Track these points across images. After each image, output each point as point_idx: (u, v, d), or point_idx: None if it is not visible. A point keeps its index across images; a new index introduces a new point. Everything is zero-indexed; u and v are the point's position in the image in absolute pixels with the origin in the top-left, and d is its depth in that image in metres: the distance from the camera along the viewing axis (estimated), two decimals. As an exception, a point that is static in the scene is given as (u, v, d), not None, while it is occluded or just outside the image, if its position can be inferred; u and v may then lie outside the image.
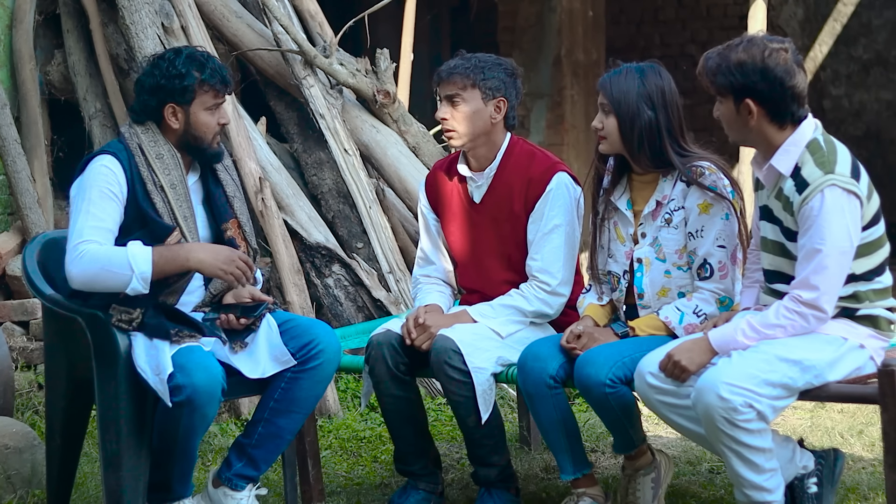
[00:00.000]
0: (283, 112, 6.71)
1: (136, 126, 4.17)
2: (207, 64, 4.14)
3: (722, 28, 11.77)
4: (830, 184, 3.71)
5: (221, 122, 4.19)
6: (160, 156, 4.13)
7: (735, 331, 3.81)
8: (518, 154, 4.46)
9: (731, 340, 3.81)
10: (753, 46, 3.78)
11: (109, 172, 4.07)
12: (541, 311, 4.40)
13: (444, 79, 4.41)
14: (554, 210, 4.38)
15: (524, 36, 10.28)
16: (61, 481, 4.39)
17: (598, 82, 4.21)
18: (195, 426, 3.94)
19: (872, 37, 11.88)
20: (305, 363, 4.16)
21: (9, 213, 6.51)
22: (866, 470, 4.81)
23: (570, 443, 4.21)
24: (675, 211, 4.17)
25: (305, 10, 6.71)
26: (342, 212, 6.44)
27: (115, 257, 3.97)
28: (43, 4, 6.80)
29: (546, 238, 4.39)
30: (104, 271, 3.96)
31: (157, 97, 4.13)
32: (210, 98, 4.15)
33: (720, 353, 3.81)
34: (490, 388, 4.26)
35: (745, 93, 3.78)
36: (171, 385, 3.87)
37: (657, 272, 4.20)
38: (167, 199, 4.10)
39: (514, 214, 4.43)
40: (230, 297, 4.23)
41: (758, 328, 3.78)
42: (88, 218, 4.02)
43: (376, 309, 6.13)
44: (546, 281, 4.38)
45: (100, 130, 6.59)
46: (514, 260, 4.46)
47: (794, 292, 3.77)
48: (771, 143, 3.84)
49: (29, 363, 5.99)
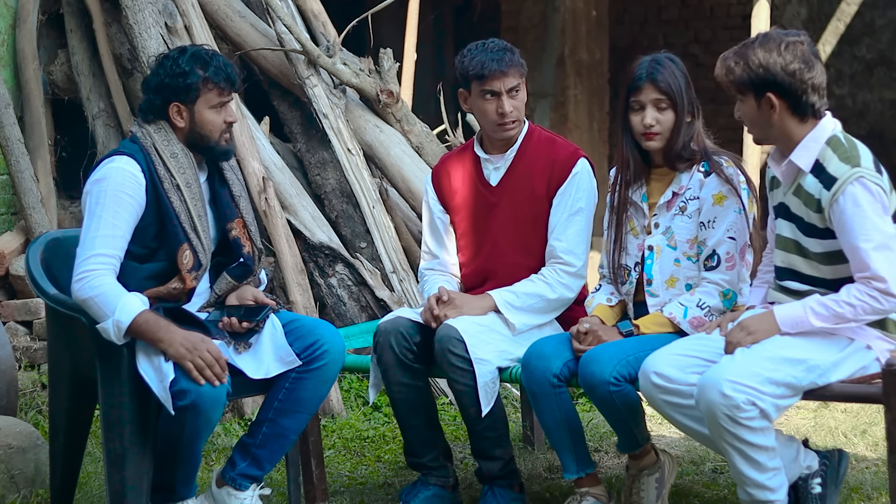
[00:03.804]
0: (286, 112, 6.72)
1: (146, 126, 4.14)
2: (212, 62, 4.12)
3: (725, 28, 11.78)
4: (859, 177, 3.72)
5: (228, 120, 4.16)
6: (174, 155, 4.10)
7: (803, 309, 3.79)
8: (538, 139, 4.50)
9: (801, 320, 3.79)
10: (770, 41, 3.80)
11: (128, 175, 4.03)
12: (563, 296, 4.42)
13: (504, 71, 4.37)
14: (580, 193, 4.42)
15: (527, 35, 10.28)
16: (65, 481, 4.39)
17: (642, 77, 4.13)
18: (200, 430, 3.93)
19: (876, 36, 11.87)
20: (310, 363, 4.16)
21: (12, 213, 6.51)
22: (870, 469, 4.81)
23: (574, 442, 4.21)
24: (691, 200, 4.18)
25: (309, 10, 6.71)
26: (345, 211, 6.44)
27: (110, 295, 3.92)
28: (46, 4, 6.81)
29: (571, 220, 4.41)
30: (94, 303, 3.92)
31: (162, 96, 4.11)
32: (215, 96, 4.13)
33: (786, 332, 3.78)
34: (493, 380, 4.26)
35: (765, 87, 3.79)
36: (176, 389, 3.86)
37: (667, 260, 4.21)
38: (183, 197, 4.08)
39: (534, 196, 4.44)
40: (234, 298, 4.23)
41: (828, 305, 3.76)
42: (102, 225, 3.98)
43: (380, 308, 6.13)
44: (571, 262, 4.40)
45: (103, 130, 6.59)
46: (531, 243, 4.46)
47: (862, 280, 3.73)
48: (792, 138, 3.85)
49: (32, 363, 6.00)
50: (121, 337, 3.90)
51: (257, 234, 4.31)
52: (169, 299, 4.08)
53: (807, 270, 3.88)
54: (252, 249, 4.26)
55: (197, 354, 3.87)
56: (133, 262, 4.06)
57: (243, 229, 4.25)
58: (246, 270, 4.25)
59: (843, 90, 11.93)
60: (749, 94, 3.83)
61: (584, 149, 9.76)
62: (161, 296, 4.06)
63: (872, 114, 11.90)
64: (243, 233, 4.25)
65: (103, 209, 4.00)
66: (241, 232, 4.24)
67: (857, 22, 11.82)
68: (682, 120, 4.16)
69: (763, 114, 3.84)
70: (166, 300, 4.07)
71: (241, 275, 4.24)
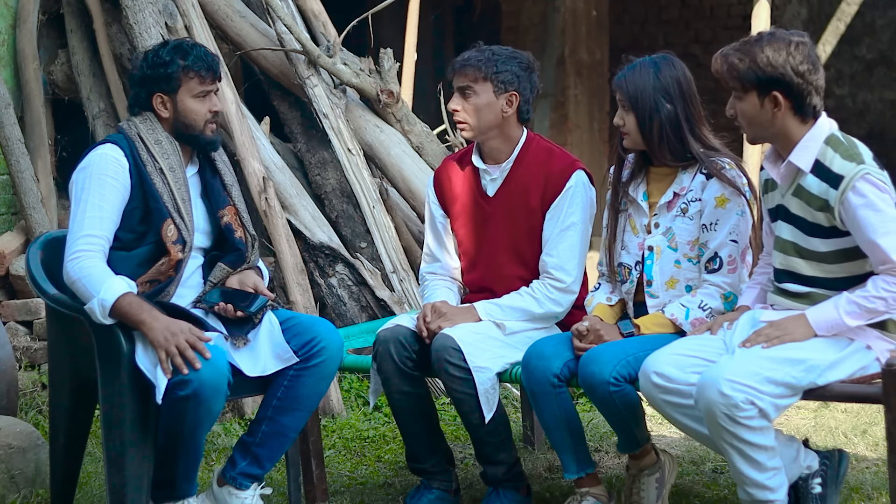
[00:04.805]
0: (286, 112, 6.72)
1: (133, 118, 4.22)
2: (192, 52, 4.18)
3: (725, 28, 11.79)
4: (865, 173, 3.73)
5: (213, 109, 4.21)
6: (158, 141, 4.17)
7: (836, 310, 3.77)
8: (535, 150, 4.46)
9: (835, 321, 3.77)
10: (777, 41, 3.78)
11: (111, 159, 4.11)
12: (551, 312, 4.40)
13: (457, 70, 4.40)
14: (572, 207, 4.39)
15: (528, 36, 10.29)
16: (65, 481, 4.39)
17: (613, 80, 4.20)
18: (201, 420, 3.93)
19: (876, 36, 11.88)
20: (308, 361, 4.16)
21: (12, 213, 6.51)
22: (870, 469, 4.81)
23: (574, 442, 4.21)
24: (692, 202, 4.17)
25: (309, 10, 6.71)
26: (346, 211, 6.44)
27: (96, 277, 3.97)
28: (46, 4, 6.81)
29: (563, 235, 4.39)
30: (81, 284, 3.98)
31: (146, 88, 4.20)
32: (196, 84, 4.18)
33: (821, 334, 3.78)
34: (493, 387, 4.26)
35: (772, 86, 3.77)
36: (177, 379, 3.87)
37: (667, 261, 4.20)
38: (166, 180, 4.13)
39: (529, 209, 4.42)
40: (235, 281, 4.24)
41: (859, 302, 3.75)
42: (88, 207, 4.06)
43: (380, 309, 6.13)
44: (561, 278, 4.38)
45: (103, 130, 6.59)
46: (526, 255, 4.45)
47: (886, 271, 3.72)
48: (791, 138, 3.84)
49: (33, 363, 6.00)
50: (106, 316, 3.94)
51: (250, 222, 4.33)
52: (161, 279, 4.10)
53: (807, 271, 3.88)
54: (244, 235, 4.28)
55: (174, 342, 3.88)
56: (122, 252, 4.11)
57: (235, 216, 4.28)
58: (239, 256, 4.27)
59: (843, 90, 11.93)
60: (752, 91, 3.81)
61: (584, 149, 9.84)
62: (152, 277, 4.09)
63: (872, 114, 11.90)
64: (235, 219, 4.27)
65: (89, 193, 4.08)
66: (232, 218, 4.26)
67: (858, 22, 11.82)
68: (645, 122, 4.13)
69: (764, 113, 3.83)
70: (158, 280, 4.09)
71: (234, 261, 4.25)
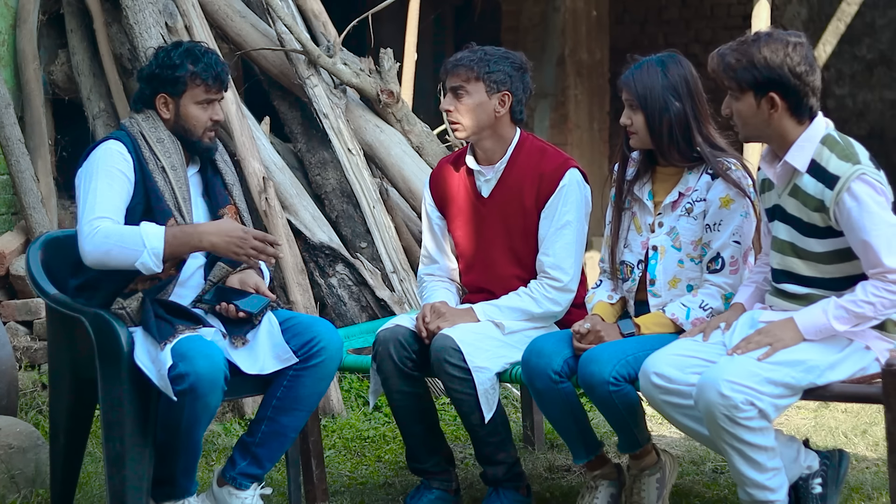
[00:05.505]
0: (286, 112, 6.72)
1: (136, 115, 4.22)
2: (203, 58, 4.17)
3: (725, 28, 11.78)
4: (861, 174, 3.72)
5: (214, 118, 4.21)
6: (161, 140, 4.17)
7: (824, 315, 3.76)
8: (529, 149, 4.46)
9: (823, 326, 3.76)
10: (775, 41, 3.77)
11: (116, 153, 4.11)
12: (549, 311, 4.40)
13: (449, 70, 4.42)
14: (567, 206, 4.39)
15: (528, 36, 10.29)
16: (65, 481, 4.39)
17: (620, 79, 4.20)
18: (198, 416, 3.93)
19: (876, 36, 11.87)
20: (307, 360, 4.16)
21: (12, 213, 6.51)
22: (870, 469, 4.81)
23: (580, 428, 4.21)
24: (697, 202, 4.17)
25: (309, 10, 6.71)
26: (346, 211, 6.44)
27: (127, 234, 3.99)
28: (47, 4, 6.81)
29: (558, 234, 4.39)
30: (117, 247, 3.97)
31: (152, 86, 4.20)
32: (201, 92, 4.18)
33: (809, 338, 3.77)
34: (493, 387, 4.26)
35: (770, 87, 3.77)
36: (174, 374, 3.87)
37: (671, 261, 4.20)
38: (168, 179, 4.13)
39: (524, 209, 4.42)
40: (236, 280, 4.24)
41: (847, 307, 3.74)
42: (98, 196, 4.05)
43: (380, 308, 6.13)
44: (558, 277, 4.38)
45: (104, 130, 6.59)
46: (522, 255, 4.45)
47: (876, 276, 3.72)
48: (786, 138, 3.84)
49: (33, 363, 6.00)
50: (159, 263, 3.99)
51: (250, 222, 4.33)
52: (161, 277, 4.09)
53: (804, 272, 3.87)
54: None
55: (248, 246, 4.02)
56: None
57: (235, 215, 4.29)
58: None
59: (843, 90, 11.92)
60: (748, 92, 3.81)
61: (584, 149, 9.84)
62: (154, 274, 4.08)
63: (872, 114, 11.90)
64: (236, 218, 4.27)
65: (97, 182, 4.07)
66: (233, 217, 4.26)
67: (858, 22, 11.82)
68: (654, 121, 4.13)
69: (761, 113, 3.82)
70: (158, 279, 4.09)
71: (234, 260, 4.25)
